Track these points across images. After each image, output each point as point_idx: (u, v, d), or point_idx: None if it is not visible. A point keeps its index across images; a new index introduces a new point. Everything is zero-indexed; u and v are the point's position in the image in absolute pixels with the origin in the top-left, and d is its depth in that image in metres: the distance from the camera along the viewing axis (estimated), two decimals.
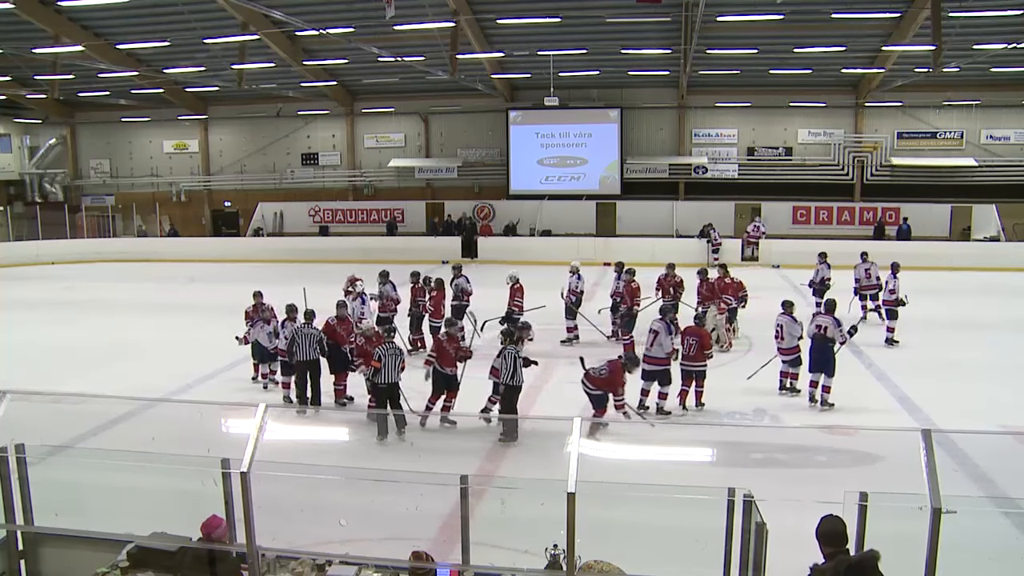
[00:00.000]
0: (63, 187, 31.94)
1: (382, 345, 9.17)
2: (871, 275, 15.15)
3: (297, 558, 4.94)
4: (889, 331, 13.39)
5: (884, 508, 4.04)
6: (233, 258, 26.08)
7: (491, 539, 5.43)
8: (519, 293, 13.35)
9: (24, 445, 5.04)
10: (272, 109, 29.65)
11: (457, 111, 28.93)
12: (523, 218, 27.63)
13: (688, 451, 5.67)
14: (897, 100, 25.88)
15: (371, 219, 29.27)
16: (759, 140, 27.64)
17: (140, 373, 11.91)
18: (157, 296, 19.77)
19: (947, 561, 3.74)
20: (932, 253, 22.14)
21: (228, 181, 31.19)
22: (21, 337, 14.47)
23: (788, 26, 20.40)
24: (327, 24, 19.96)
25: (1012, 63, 22.68)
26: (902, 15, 20.20)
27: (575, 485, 4.05)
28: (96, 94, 27.46)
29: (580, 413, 8.93)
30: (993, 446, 8.02)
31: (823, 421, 9.62)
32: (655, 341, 9.75)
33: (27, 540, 5.14)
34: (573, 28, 21.77)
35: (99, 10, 20.91)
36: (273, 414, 4.67)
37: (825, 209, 26.36)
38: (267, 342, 10.71)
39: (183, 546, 4.80)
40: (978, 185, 25.88)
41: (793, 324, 10.45)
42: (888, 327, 13.43)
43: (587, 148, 28.00)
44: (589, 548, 4.50)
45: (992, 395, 10.49)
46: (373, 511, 5.99)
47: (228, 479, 4.62)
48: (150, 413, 8.92)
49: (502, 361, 9.09)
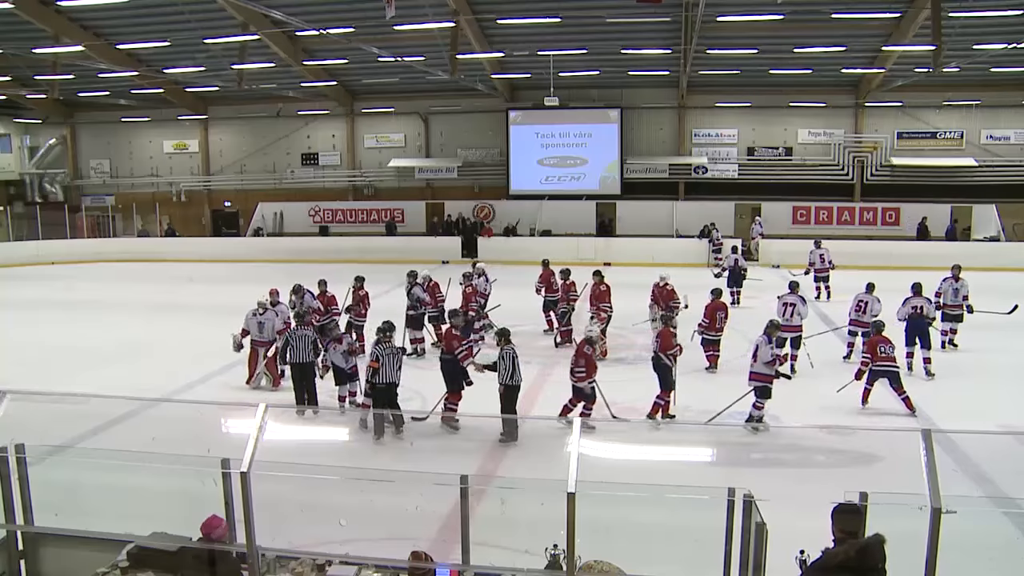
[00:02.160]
0: (63, 187, 31.96)
1: (380, 345, 9.18)
2: (824, 260, 16.51)
3: (297, 558, 4.94)
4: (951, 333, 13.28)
5: (884, 508, 4.03)
6: (233, 258, 26.09)
7: (491, 539, 5.42)
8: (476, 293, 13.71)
9: (24, 445, 5.04)
10: (272, 109, 29.66)
11: (457, 111, 28.94)
12: (523, 218, 27.64)
13: (688, 451, 5.67)
14: (897, 100, 25.88)
15: (371, 219, 29.29)
16: (759, 140, 27.65)
17: (140, 373, 11.91)
18: (157, 296, 19.76)
19: (947, 561, 3.74)
20: (932, 253, 22.12)
21: (228, 181, 31.20)
22: (21, 337, 14.48)
23: (788, 26, 20.41)
24: (327, 24, 19.97)
25: (1012, 63, 22.68)
26: (902, 15, 20.21)
27: (575, 485, 4.05)
28: (96, 94, 27.48)
29: (580, 413, 8.95)
30: (993, 446, 8.02)
31: (825, 416, 9.61)
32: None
33: (27, 540, 5.14)
34: (573, 28, 21.77)
35: (99, 10, 20.92)
36: (273, 414, 4.67)
37: (825, 209, 26.36)
38: (343, 363, 9.94)
39: (183, 546, 4.80)
40: (978, 185, 25.89)
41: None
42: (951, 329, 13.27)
43: (587, 148, 28.01)
44: (589, 548, 4.50)
45: (992, 395, 10.50)
46: (373, 511, 5.99)
47: (228, 479, 4.62)
48: (150, 413, 8.92)
49: (500, 361, 9.11)
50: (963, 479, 7.06)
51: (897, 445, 6.89)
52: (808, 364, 11.57)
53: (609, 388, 9.68)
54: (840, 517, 4.10)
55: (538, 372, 11.64)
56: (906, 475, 4.01)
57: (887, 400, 10.34)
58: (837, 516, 4.11)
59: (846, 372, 11.03)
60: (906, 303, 11.74)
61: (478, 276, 14.17)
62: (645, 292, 14.65)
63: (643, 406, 9.87)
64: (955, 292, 13.16)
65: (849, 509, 4.12)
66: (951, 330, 13.19)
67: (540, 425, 9.21)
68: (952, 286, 13.15)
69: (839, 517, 4.10)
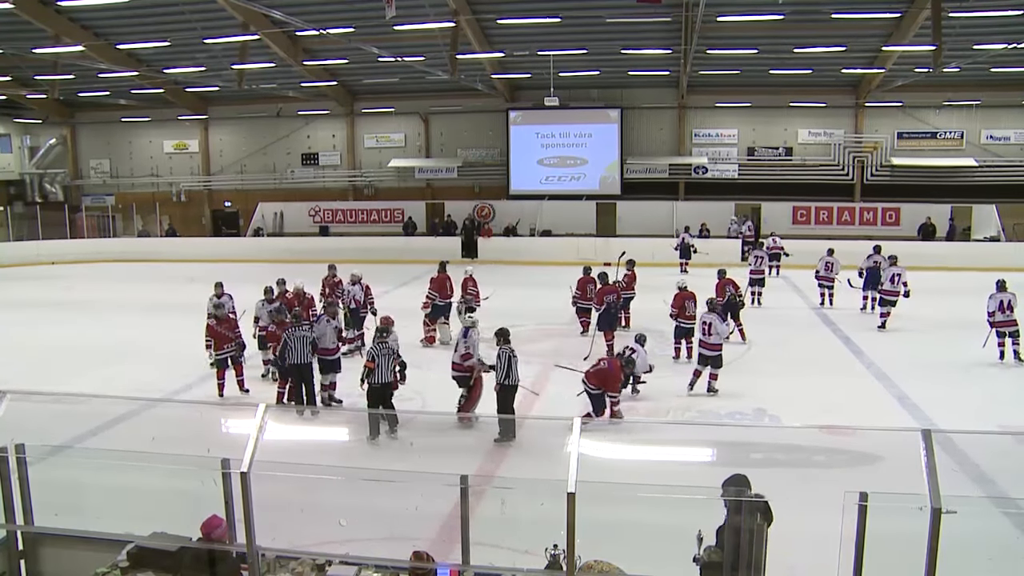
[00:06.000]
0: (63, 187, 31.95)
1: (377, 345, 9.19)
2: (832, 268, 17.01)
3: (297, 558, 4.94)
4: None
5: (884, 508, 4.03)
6: (233, 258, 26.06)
7: (491, 539, 5.42)
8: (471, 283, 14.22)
9: (24, 445, 5.04)
10: (272, 109, 29.65)
11: (457, 111, 28.93)
12: (523, 218, 27.63)
13: (688, 451, 5.66)
14: (897, 100, 25.87)
15: (371, 219, 29.29)
16: (759, 140, 27.64)
17: (140, 373, 11.91)
18: (157, 296, 19.76)
19: (947, 561, 3.74)
20: (932, 253, 22.14)
21: (228, 181, 31.19)
22: (21, 337, 14.48)
23: (788, 26, 20.41)
24: (327, 24, 19.96)
25: (1012, 63, 22.67)
26: (902, 15, 20.20)
27: (575, 485, 4.04)
28: (96, 94, 27.48)
29: (580, 413, 8.95)
30: (993, 446, 8.02)
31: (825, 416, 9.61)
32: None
33: (27, 540, 5.14)
34: (573, 28, 21.76)
35: (99, 10, 20.91)
36: (273, 414, 4.68)
37: (825, 209, 26.35)
38: (330, 342, 10.47)
39: (183, 546, 4.80)
40: (978, 185, 25.88)
41: (720, 323, 10.86)
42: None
43: (587, 148, 28.00)
44: (589, 548, 4.50)
45: (992, 395, 10.50)
46: (373, 511, 5.99)
47: (228, 479, 4.62)
48: (150, 413, 8.93)
49: (496, 361, 9.12)
50: (963, 479, 7.05)
51: (897, 445, 6.87)
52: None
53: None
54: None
55: (538, 372, 11.64)
56: (906, 475, 4.00)
57: (887, 400, 10.36)
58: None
59: (849, 374, 11.03)
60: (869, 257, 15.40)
61: (352, 284, 13.60)
62: (645, 292, 14.68)
63: (642, 405, 9.86)
64: (827, 265, 16.66)
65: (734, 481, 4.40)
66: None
67: (540, 425, 9.21)
68: (825, 261, 16.67)
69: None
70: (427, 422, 9.54)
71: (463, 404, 9.58)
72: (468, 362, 9.66)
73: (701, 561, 4.49)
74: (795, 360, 12.60)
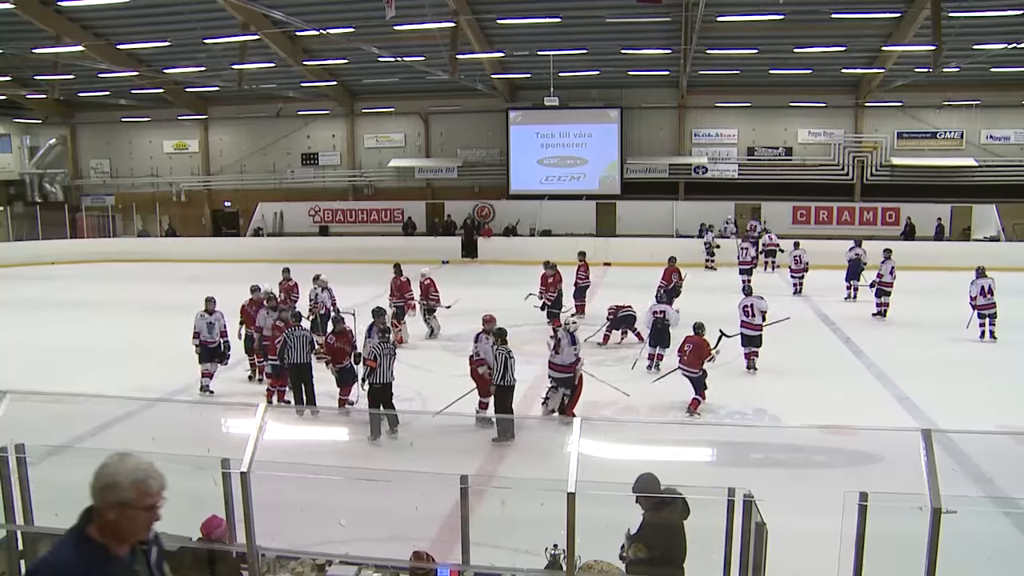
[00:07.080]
0: (63, 187, 31.95)
1: (378, 345, 9.18)
2: (799, 260, 18.17)
3: (297, 558, 4.94)
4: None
5: (884, 508, 4.03)
6: (233, 258, 26.04)
7: (491, 539, 5.42)
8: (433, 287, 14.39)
9: (24, 445, 5.03)
10: (272, 109, 29.65)
11: (457, 111, 28.93)
12: (523, 218, 27.63)
13: (688, 451, 5.66)
14: (897, 100, 25.89)
15: (371, 219, 29.28)
16: (759, 140, 27.65)
17: (140, 373, 11.92)
18: (157, 296, 19.74)
19: (947, 561, 3.74)
20: (932, 253, 22.14)
21: (228, 181, 31.19)
22: (21, 337, 14.46)
23: (788, 26, 20.41)
24: (327, 24, 19.96)
25: (1012, 63, 22.68)
26: (902, 15, 20.20)
27: (575, 485, 4.04)
28: (96, 94, 27.46)
29: (580, 413, 8.95)
30: (993, 446, 8.02)
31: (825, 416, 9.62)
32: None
33: (27, 540, 5.12)
34: (573, 28, 21.76)
35: (99, 10, 20.91)
36: (273, 414, 4.67)
37: (825, 209, 26.36)
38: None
39: (183, 546, 4.79)
40: (978, 185, 25.89)
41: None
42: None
43: (587, 148, 28.01)
44: (589, 548, 4.50)
45: (992, 395, 10.49)
46: (373, 511, 5.99)
47: (228, 479, 4.61)
48: (150, 413, 8.92)
49: (494, 361, 9.11)
50: (963, 479, 7.05)
51: (897, 445, 6.87)
52: None
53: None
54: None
55: (538, 372, 11.62)
56: (906, 475, 4.00)
57: (887, 400, 10.36)
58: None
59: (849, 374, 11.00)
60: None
61: (321, 289, 13.70)
62: (645, 293, 14.67)
63: (642, 406, 9.86)
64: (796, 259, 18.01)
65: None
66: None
67: (540, 425, 9.20)
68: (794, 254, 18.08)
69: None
70: (427, 422, 9.52)
71: (568, 404, 9.26)
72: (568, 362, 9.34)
73: (628, 560, 4.56)
74: (795, 360, 12.59)
